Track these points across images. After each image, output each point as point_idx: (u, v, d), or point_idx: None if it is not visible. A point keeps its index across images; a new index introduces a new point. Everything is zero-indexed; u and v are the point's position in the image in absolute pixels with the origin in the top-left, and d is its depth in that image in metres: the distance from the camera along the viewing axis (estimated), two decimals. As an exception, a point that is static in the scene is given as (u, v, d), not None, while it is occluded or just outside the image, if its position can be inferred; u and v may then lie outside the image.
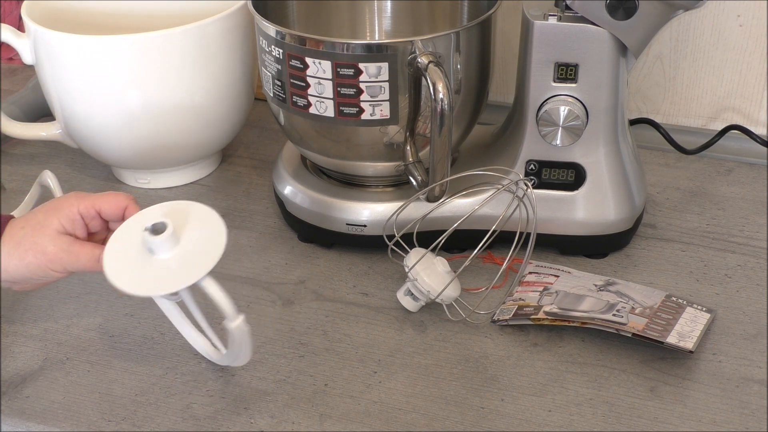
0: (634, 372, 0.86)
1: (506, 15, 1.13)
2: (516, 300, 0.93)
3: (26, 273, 0.80)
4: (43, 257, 0.79)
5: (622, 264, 0.99)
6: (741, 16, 1.13)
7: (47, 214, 0.81)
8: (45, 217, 0.80)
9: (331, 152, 0.98)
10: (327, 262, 1.01)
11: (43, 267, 0.79)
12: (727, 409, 0.82)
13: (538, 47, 0.93)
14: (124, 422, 0.82)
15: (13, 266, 0.79)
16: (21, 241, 0.79)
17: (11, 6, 1.40)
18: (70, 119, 1.09)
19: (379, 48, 0.90)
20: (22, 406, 0.84)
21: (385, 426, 0.81)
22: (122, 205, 0.81)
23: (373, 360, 0.88)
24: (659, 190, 1.11)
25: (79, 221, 0.81)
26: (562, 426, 0.81)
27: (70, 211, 0.80)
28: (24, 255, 0.79)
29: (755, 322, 0.91)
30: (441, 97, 0.87)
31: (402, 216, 0.96)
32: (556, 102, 0.94)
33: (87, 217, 0.81)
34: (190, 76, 1.05)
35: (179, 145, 1.09)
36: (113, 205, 0.81)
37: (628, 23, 0.90)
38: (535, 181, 0.98)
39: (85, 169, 1.19)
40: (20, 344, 0.91)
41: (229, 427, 0.81)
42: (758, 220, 1.05)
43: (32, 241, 0.79)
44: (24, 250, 0.79)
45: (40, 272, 0.80)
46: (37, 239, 0.79)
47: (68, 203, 0.81)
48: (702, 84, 1.18)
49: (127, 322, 0.93)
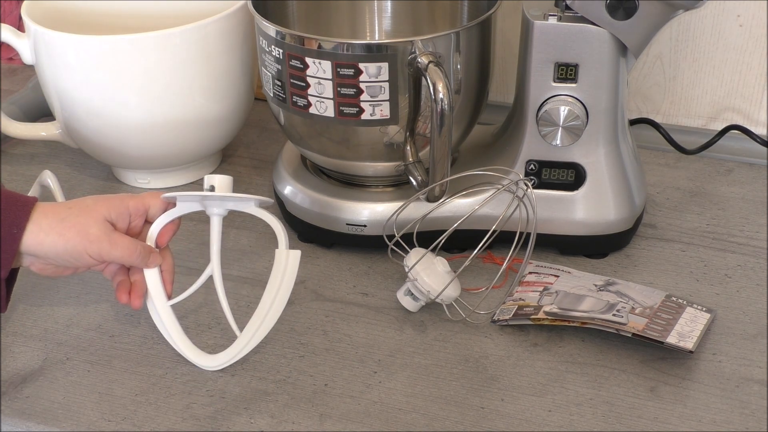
0: (634, 372, 0.86)
1: (506, 15, 1.13)
2: (516, 300, 0.93)
3: (62, 250, 0.81)
4: (84, 237, 0.81)
5: (622, 264, 0.99)
6: (741, 16, 1.13)
7: (97, 201, 0.84)
8: (94, 203, 0.83)
9: (331, 152, 0.98)
10: (327, 262, 1.01)
11: (81, 248, 0.81)
12: (727, 409, 0.82)
13: (538, 47, 0.93)
14: (124, 422, 0.82)
15: (49, 241, 0.80)
16: (65, 218, 0.81)
17: (11, 6, 1.40)
18: (70, 119, 1.09)
19: (379, 48, 0.90)
20: (22, 406, 0.84)
21: (385, 426, 0.81)
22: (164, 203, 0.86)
23: (373, 360, 0.88)
24: (659, 190, 1.11)
25: (125, 216, 0.84)
26: (562, 426, 0.81)
27: (120, 204, 0.84)
28: (65, 231, 0.80)
29: (755, 322, 0.91)
30: (441, 97, 0.87)
31: (402, 216, 0.96)
32: (556, 102, 0.94)
33: (134, 214, 0.85)
34: (190, 76, 1.05)
35: (179, 145, 1.09)
36: (158, 201, 0.86)
37: (628, 23, 0.90)
38: (535, 181, 0.98)
39: (85, 169, 1.19)
40: (20, 344, 0.91)
41: (229, 427, 0.81)
42: (758, 220, 1.05)
43: (77, 220, 0.81)
44: (67, 226, 0.81)
45: (76, 253, 0.81)
46: (83, 219, 0.81)
47: (120, 197, 0.85)
48: (702, 84, 1.18)
49: (127, 322, 0.93)
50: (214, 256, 0.87)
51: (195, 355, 0.87)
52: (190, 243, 1.03)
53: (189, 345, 0.88)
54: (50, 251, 0.81)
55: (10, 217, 0.79)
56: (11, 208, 0.80)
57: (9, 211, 0.80)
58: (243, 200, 0.87)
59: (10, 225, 0.79)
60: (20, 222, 0.79)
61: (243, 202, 0.88)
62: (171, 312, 0.88)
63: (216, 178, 0.86)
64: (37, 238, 0.80)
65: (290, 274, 0.87)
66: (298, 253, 0.88)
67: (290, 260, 0.87)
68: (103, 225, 0.82)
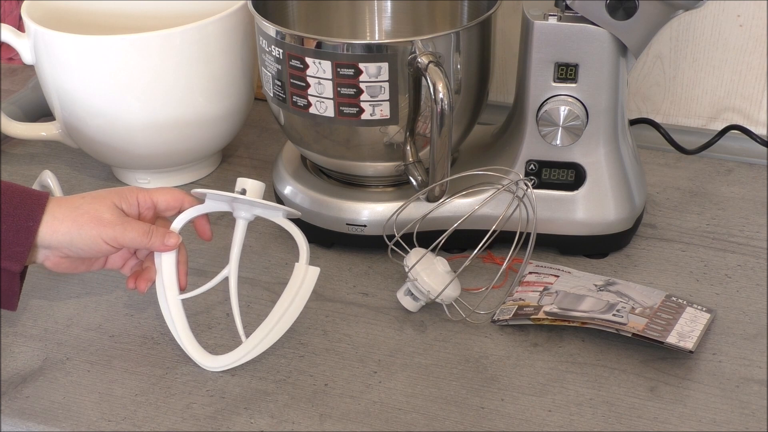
0: (634, 372, 0.86)
1: (506, 15, 1.13)
2: (516, 300, 0.93)
3: (76, 236, 0.82)
4: (98, 222, 0.82)
5: (622, 264, 0.99)
6: (741, 16, 1.13)
7: (108, 191, 0.86)
8: (106, 193, 0.85)
9: (331, 152, 0.98)
10: (327, 262, 1.01)
11: (95, 234, 0.82)
12: (727, 409, 0.82)
13: (538, 47, 0.93)
14: (124, 422, 0.82)
15: (64, 229, 0.81)
16: (79, 206, 0.83)
17: (11, 6, 1.40)
18: (70, 119, 1.09)
19: (379, 48, 0.90)
20: (22, 406, 0.84)
21: (385, 426, 0.81)
22: (179, 198, 0.87)
23: (373, 360, 0.88)
24: (659, 190, 1.11)
25: (134, 206, 0.86)
26: (562, 426, 0.81)
27: (129, 195, 0.86)
28: (79, 217, 0.82)
29: (755, 322, 0.91)
30: (441, 97, 0.87)
31: (402, 216, 0.96)
32: (556, 102, 0.94)
33: (143, 206, 0.86)
34: (190, 76, 1.05)
35: (179, 145, 1.09)
36: (171, 198, 0.87)
37: (628, 23, 0.90)
38: (535, 181, 0.98)
39: (85, 169, 1.19)
40: (20, 344, 0.91)
41: (229, 427, 0.81)
42: (758, 220, 1.05)
43: (90, 207, 0.83)
44: (80, 213, 0.82)
45: (90, 239, 0.82)
46: (95, 206, 0.83)
47: (128, 189, 0.86)
48: (702, 84, 1.18)
49: (127, 322, 0.93)
50: (233, 259, 0.88)
51: (198, 354, 0.87)
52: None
53: (193, 342, 0.88)
54: (64, 239, 0.82)
55: (26, 210, 0.80)
56: (26, 202, 0.81)
57: (24, 205, 0.81)
58: (272, 209, 0.88)
59: (26, 218, 0.80)
60: (36, 215, 0.81)
61: (271, 210, 0.88)
62: (180, 306, 0.88)
63: (249, 182, 0.86)
64: (51, 227, 0.81)
65: (306, 290, 0.88)
66: (317, 270, 0.88)
67: (308, 276, 0.88)
68: (114, 210, 0.84)
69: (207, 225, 0.89)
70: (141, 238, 0.84)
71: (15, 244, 0.80)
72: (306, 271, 0.88)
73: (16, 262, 0.80)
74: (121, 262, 0.89)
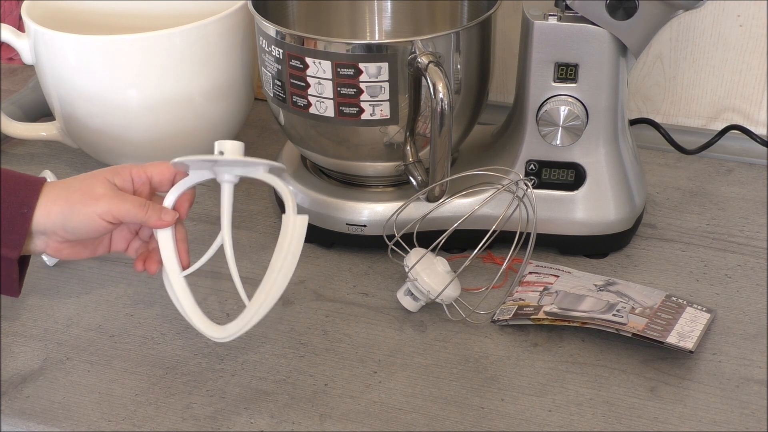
0: (634, 372, 0.86)
1: (506, 15, 1.13)
2: (516, 300, 0.93)
3: (69, 215, 0.80)
4: (90, 197, 0.81)
5: (622, 264, 0.99)
6: (741, 16, 1.13)
7: (101, 170, 0.84)
8: (99, 171, 0.84)
9: (331, 152, 0.98)
10: (327, 262, 1.01)
11: (91, 211, 0.80)
12: (727, 409, 0.82)
13: (538, 47, 0.93)
14: (124, 422, 0.82)
15: (57, 209, 0.80)
16: (71, 185, 0.82)
17: (11, 6, 1.40)
18: (70, 119, 1.09)
19: (379, 48, 0.90)
20: (22, 406, 0.84)
21: (385, 426, 0.81)
22: (173, 170, 0.85)
23: (373, 360, 0.88)
24: (659, 190, 1.11)
25: (128, 181, 0.84)
26: (562, 426, 0.81)
27: (122, 171, 0.84)
28: (71, 195, 0.81)
29: (755, 322, 0.91)
30: (441, 97, 0.87)
31: (402, 216, 0.96)
32: (556, 102, 0.94)
33: (137, 182, 0.85)
34: (190, 76, 1.05)
35: (179, 146, 1.09)
36: (165, 169, 0.85)
37: (628, 23, 0.90)
38: (535, 181, 0.98)
39: (85, 169, 1.18)
40: (20, 344, 0.91)
41: (229, 427, 0.81)
42: (758, 220, 1.05)
43: (82, 184, 0.82)
44: (72, 191, 0.81)
45: (83, 217, 0.80)
46: (88, 182, 0.82)
47: (122, 166, 0.85)
48: (702, 84, 1.18)
49: (127, 322, 0.93)
50: (225, 225, 0.84)
51: (205, 327, 0.85)
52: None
53: (200, 316, 0.85)
54: (58, 220, 0.80)
55: (20, 197, 0.80)
56: (21, 189, 0.80)
57: (19, 192, 0.80)
58: (252, 164, 0.84)
59: (21, 204, 0.79)
60: (30, 201, 0.80)
61: (252, 167, 0.84)
62: (184, 282, 0.85)
63: (227, 144, 0.83)
64: (45, 209, 0.80)
65: (297, 239, 0.85)
66: (305, 218, 0.85)
67: (297, 225, 0.85)
68: (107, 185, 0.82)
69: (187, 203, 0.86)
70: (137, 210, 0.82)
71: (11, 232, 0.79)
72: (294, 221, 0.85)
73: (13, 249, 0.79)
74: (124, 243, 0.87)
